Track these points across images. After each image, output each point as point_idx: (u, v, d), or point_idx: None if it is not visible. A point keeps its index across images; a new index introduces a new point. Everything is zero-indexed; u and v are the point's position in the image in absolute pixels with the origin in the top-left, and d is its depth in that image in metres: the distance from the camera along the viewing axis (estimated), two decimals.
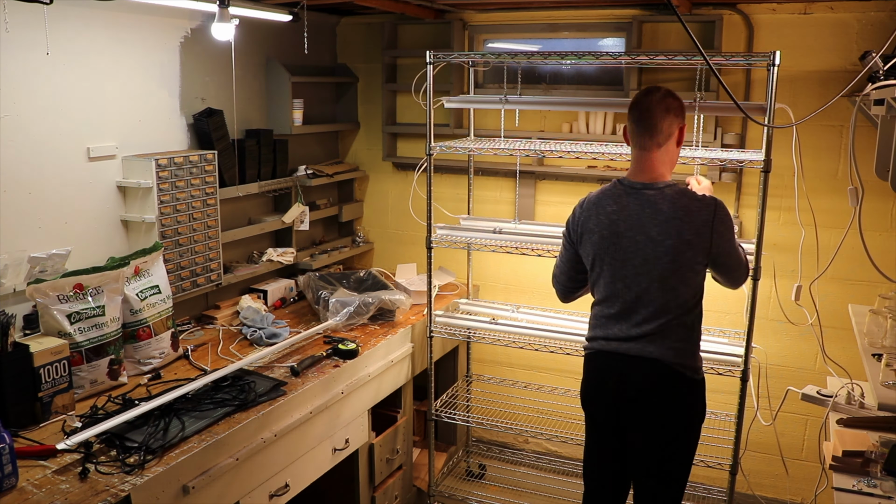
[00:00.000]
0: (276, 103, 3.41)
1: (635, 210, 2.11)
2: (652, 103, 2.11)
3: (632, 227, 2.10)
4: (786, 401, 3.02)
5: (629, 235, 2.11)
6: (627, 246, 2.11)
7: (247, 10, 2.89)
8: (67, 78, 2.47)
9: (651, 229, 2.08)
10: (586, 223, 2.20)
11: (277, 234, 3.48)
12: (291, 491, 2.45)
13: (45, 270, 2.35)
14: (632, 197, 2.12)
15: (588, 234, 2.19)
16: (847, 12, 2.93)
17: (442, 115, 3.66)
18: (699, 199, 2.09)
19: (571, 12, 3.38)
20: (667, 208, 2.07)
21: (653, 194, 2.10)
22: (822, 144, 3.05)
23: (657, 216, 2.08)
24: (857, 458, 2.10)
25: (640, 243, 2.09)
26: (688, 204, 2.07)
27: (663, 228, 2.06)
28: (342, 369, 2.66)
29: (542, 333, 3.07)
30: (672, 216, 2.06)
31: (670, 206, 2.07)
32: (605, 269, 2.17)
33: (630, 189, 2.14)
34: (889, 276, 2.31)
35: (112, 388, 2.40)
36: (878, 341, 2.29)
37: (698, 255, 2.08)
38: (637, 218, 2.10)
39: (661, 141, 2.12)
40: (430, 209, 3.05)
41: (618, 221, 2.13)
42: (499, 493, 3.43)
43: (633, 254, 2.10)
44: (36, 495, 1.79)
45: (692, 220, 2.05)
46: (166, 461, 1.96)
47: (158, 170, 2.66)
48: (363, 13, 3.67)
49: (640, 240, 2.09)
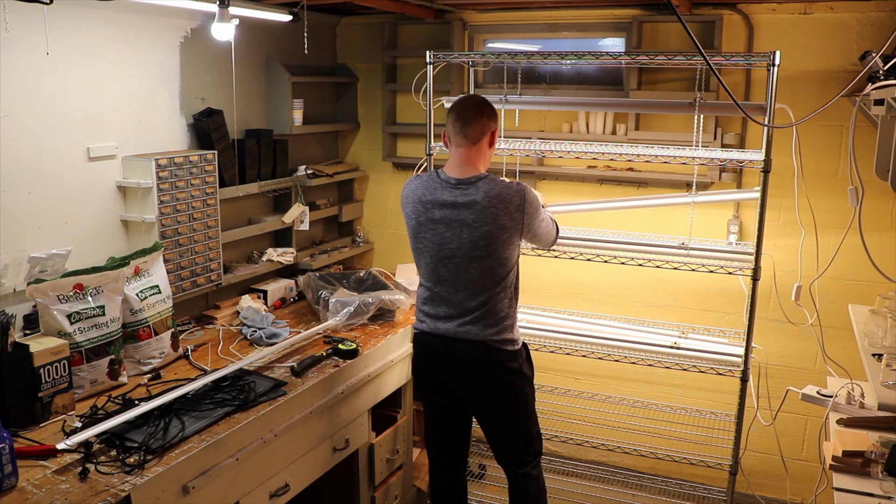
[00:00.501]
0: (276, 103, 3.41)
1: (450, 200, 2.34)
2: (468, 107, 2.40)
3: (447, 216, 2.34)
4: (786, 401, 3.02)
5: (445, 222, 2.34)
6: (444, 231, 2.35)
7: (247, 10, 2.89)
8: (67, 78, 2.47)
9: (466, 217, 2.30)
10: (405, 208, 2.46)
11: (277, 234, 3.48)
12: (291, 491, 2.45)
13: (45, 270, 2.35)
14: (447, 189, 2.36)
15: (407, 218, 2.46)
16: (847, 12, 2.93)
17: (442, 115, 3.64)
18: (509, 186, 2.32)
19: (571, 12, 3.38)
20: (481, 198, 2.30)
21: (467, 187, 2.33)
22: (822, 144, 3.05)
23: (473, 205, 2.30)
24: (857, 458, 2.10)
25: (456, 229, 2.32)
26: (500, 192, 2.30)
27: (479, 216, 2.29)
28: (342, 369, 2.66)
29: (540, 333, 3.07)
30: (487, 205, 2.29)
31: (484, 196, 2.30)
32: (424, 252, 2.41)
33: (446, 183, 2.37)
34: (889, 276, 2.31)
35: (112, 388, 2.40)
36: (878, 341, 2.29)
37: (514, 236, 2.34)
38: (451, 207, 2.33)
39: (476, 139, 2.38)
40: None
41: (432, 209, 2.36)
42: (499, 493, 3.42)
43: (449, 239, 2.34)
44: (36, 495, 1.79)
45: (506, 207, 2.29)
46: (166, 461, 1.96)
47: (158, 170, 2.66)
48: (363, 13, 3.67)
49: (455, 226, 2.33)
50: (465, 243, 2.32)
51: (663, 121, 3.30)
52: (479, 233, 2.30)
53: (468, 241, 2.31)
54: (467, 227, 2.31)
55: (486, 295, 2.36)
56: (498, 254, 2.32)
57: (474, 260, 2.32)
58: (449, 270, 2.37)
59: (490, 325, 2.36)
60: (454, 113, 2.40)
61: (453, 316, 2.39)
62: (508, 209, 2.30)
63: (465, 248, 2.32)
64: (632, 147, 3.02)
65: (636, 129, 3.32)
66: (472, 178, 2.35)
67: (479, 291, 2.36)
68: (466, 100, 2.44)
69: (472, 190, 2.32)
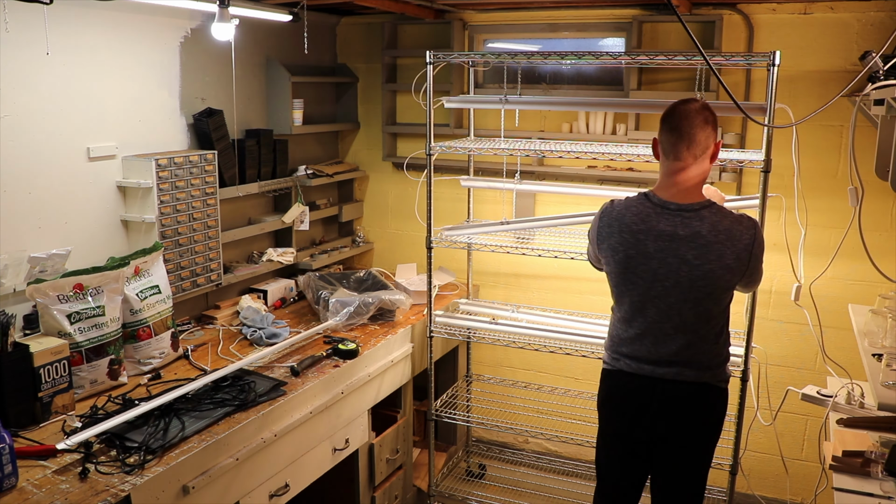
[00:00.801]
0: (276, 103, 3.41)
1: (667, 230, 2.01)
2: (691, 112, 2.00)
3: (662, 249, 2.01)
4: (786, 401, 3.02)
5: (659, 257, 2.02)
6: (657, 268, 2.03)
7: (247, 10, 2.89)
8: (67, 78, 2.47)
9: (687, 252, 1.99)
10: (609, 238, 2.11)
11: (277, 234, 3.48)
12: (291, 491, 2.45)
13: (45, 270, 2.35)
14: (663, 217, 2.03)
15: (613, 251, 2.10)
16: (847, 12, 2.93)
17: (442, 115, 3.66)
18: (739, 221, 2.02)
19: (571, 12, 3.38)
20: (706, 231, 1.99)
21: (689, 216, 2.01)
22: (822, 144, 3.05)
23: (696, 239, 1.99)
24: (857, 458, 2.10)
25: (673, 266, 2.01)
26: (729, 227, 2.00)
27: (701, 252, 1.99)
28: (342, 369, 2.66)
29: (542, 333, 3.07)
30: (713, 240, 1.98)
31: (710, 230, 1.99)
32: (630, 288, 2.09)
33: (662, 209, 2.04)
34: (889, 276, 2.31)
35: (112, 388, 2.40)
36: (878, 341, 2.29)
37: (735, 277, 2.03)
38: (669, 239, 2.01)
39: (698, 153, 2.01)
40: (430, 209, 3.05)
41: (646, 241, 2.03)
42: (499, 493, 3.43)
43: (664, 276, 2.02)
44: (36, 495, 1.79)
45: (734, 245, 1.99)
46: (166, 461, 1.96)
47: (158, 170, 2.66)
48: (363, 13, 3.67)
49: (672, 262, 2.01)
50: (682, 282, 2.01)
51: None
52: (700, 271, 1.99)
53: (686, 279, 2.01)
54: (686, 265, 2.00)
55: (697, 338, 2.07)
56: (717, 294, 2.04)
57: (689, 302, 2.03)
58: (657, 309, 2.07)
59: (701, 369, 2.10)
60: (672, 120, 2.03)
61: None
62: (736, 248, 1.99)
63: (682, 288, 2.02)
64: (632, 147, 3.02)
65: (636, 129, 3.32)
66: (694, 206, 2.02)
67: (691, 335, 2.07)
68: (687, 103, 2.03)
69: (694, 219, 2.01)
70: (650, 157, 2.78)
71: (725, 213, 2.04)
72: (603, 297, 3.49)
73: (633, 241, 2.05)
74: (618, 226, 2.08)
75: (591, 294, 3.52)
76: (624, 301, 2.13)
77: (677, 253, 2.00)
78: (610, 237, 2.10)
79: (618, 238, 2.08)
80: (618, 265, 2.09)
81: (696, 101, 2.04)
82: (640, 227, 2.04)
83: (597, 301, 3.50)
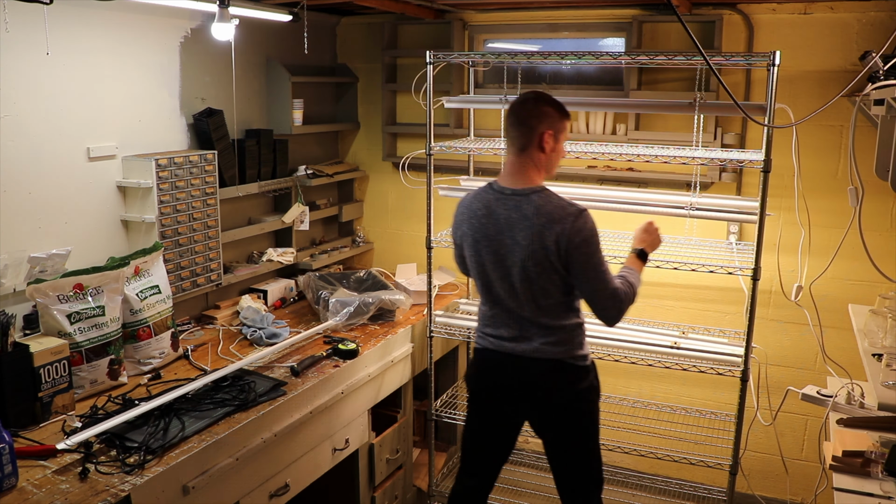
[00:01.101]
0: (276, 103, 3.41)
1: (503, 214, 2.15)
2: (524, 103, 2.16)
3: (501, 231, 2.15)
4: (786, 401, 3.02)
5: (499, 239, 2.15)
6: (498, 249, 2.16)
7: (247, 10, 2.89)
8: (67, 78, 2.47)
9: (517, 233, 2.11)
10: (461, 226, 2.27)
11: (277, 234, 3.48)
12: (291, 491, 2.45)
13: (45, 270, 2.35)
14: (500, 202, 2.16)
15: (464, 236, 2.26)
16: (847, 12, 2.93)
17: (442, 115, 3.66)
18: (563, 206, 2.10)
19: (571, 12, 3.38)
20: (531, 213, 2.10)
21: (520, 199, 2.13)
22: (822, 144, 3.05)
23: (523, 221, 2.11)
24: (857, 458, 2.10)
25: (509, 247, 2.13)
26: (551, 211, 2.09)
27: (528, 233, 2.09)
28: (342, 369, 2.66)
29: None
30: (536, 222, 2.08)
31: (535, 212, 2.09)
32: (482, 270, 2.23)
33: (499, 194, 2.18)
34: (889, 276, 2.31)
35: (112, 388, 2.40)
36: (878, 341, 2.29)
37: (556, 263, 2.09)
38: (505, 222, 2.14)
39: (523, 144, 2.15)
40: (430, 209, 3.05)
41: (487, 225, 2.17)
42: (499, 493, 3.42)
43: (503, 256, 2.15)
44: (36, 495, 1.79)
45: (552, 227, 2.07)
46: (166, 461, 1.96)
47: (158, 170, 2.66)
48: (363, 13, 3.67)
49: (509, 243, 2.13)
50: (516, 263, 2.13)
51: (663, 121, 3.30)
52: (528, 251, 2.09)
53: (519, 259, 2.11)
54: (517, 246, 2.11)
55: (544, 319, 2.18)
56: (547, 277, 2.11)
57: (525, 282, 2.13)
58: (503, 289, 2.19)
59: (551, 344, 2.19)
60: (510, 116, 2.18)
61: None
62: (553, 230, 2.06)
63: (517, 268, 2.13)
64: (632, 147, 3.02)
65: (636, 129, 3.32)
66: (526, 190, 2.13)
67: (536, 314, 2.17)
68: (524, 100, 2.18)
69: (524, 202, 2.12)
70: (650, 157, 2.79)
71: (554, 198, 2.12)
72: None
73: (479, 225, 2.19)
74: (467, 213, 2.24)
75: None
76: (479, 283, 2.28)
77: (511, 235, 2.13)
78: (462, 224, 2.27)
79: (468, 224, 2.23)
80: (469, 249, 2.24)
81: (535, 93, 2.18)
82: (483, 213, 2.19)
83: None
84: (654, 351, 2.90)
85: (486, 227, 2.18)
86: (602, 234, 3.16)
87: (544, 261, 2.09)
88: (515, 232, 2.12)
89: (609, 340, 2.99)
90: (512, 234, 2.13)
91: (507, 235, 2.14)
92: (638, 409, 3.39)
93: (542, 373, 2.21)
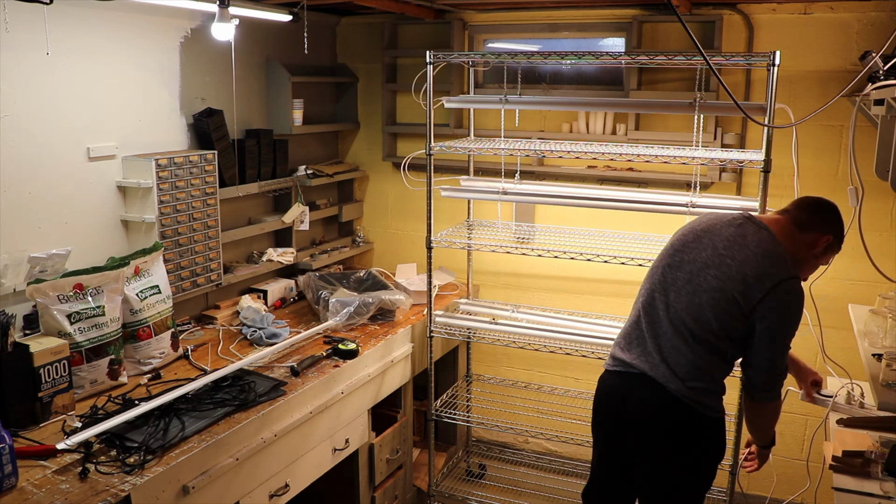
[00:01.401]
0: (276, 103, 3.41)
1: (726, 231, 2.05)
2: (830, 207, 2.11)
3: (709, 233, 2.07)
4: (786, 401, 3.01)
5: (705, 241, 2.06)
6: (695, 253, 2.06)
7: (247, 10, 2.89)
8: (67, 78, 2.47)
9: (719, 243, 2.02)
10: None
11: (277, 234, 3.48)
12: (291, 491, 2.45)
13: (45, 270, 2.35)
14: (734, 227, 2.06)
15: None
16: (847, 12, 2.93)
17: (442, 115, 3.66)
18: (784, 257, 1.99)
19: (571, 12, 3.38)
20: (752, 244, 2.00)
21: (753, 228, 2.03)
22: (822, 144, 3.05)
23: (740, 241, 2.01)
24: (857, 458, 2.10)
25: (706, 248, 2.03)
26: (773, 251, 1.98)
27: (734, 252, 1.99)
28: (342, 369, 2.66)
29: (542, 333, 3.07)
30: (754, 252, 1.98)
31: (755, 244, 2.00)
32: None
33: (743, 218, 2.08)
34: (889, 276, 2.31)
35: (112, 388, 2.40)
36: (878, 341, 2.29)
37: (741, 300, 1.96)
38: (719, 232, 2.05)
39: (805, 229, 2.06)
40: (430, 209, 3.05)
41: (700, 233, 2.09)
42: (499, 493, 3.43)
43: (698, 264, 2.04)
44: (36, 495, 1.79)
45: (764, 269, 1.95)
46: (166, 461, 1.96)
47: (158, 170, 2.66)
48: (363, 13, 3.67)
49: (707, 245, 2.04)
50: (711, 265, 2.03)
51: (663, 121, 3.30)
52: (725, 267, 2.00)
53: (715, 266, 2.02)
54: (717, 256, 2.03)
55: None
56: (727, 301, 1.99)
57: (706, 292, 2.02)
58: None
59: None
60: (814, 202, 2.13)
61: None
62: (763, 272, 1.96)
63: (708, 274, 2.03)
64: (632, 147, 3.02)
65: (636, 129, 3.32)
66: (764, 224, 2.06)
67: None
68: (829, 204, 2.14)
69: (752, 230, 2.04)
70: (650, 157, 2.80)
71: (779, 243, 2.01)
72: (602, 298, 3.51)
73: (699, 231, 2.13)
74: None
75: (591, 294, 3.52)
76: None
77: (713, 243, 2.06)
78: None
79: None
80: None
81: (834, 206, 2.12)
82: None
83: (596, 301, 3.50)
84: None
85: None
86: (602, 233, 3.22)
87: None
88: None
89: (609, 340, 3.00)
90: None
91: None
92: None
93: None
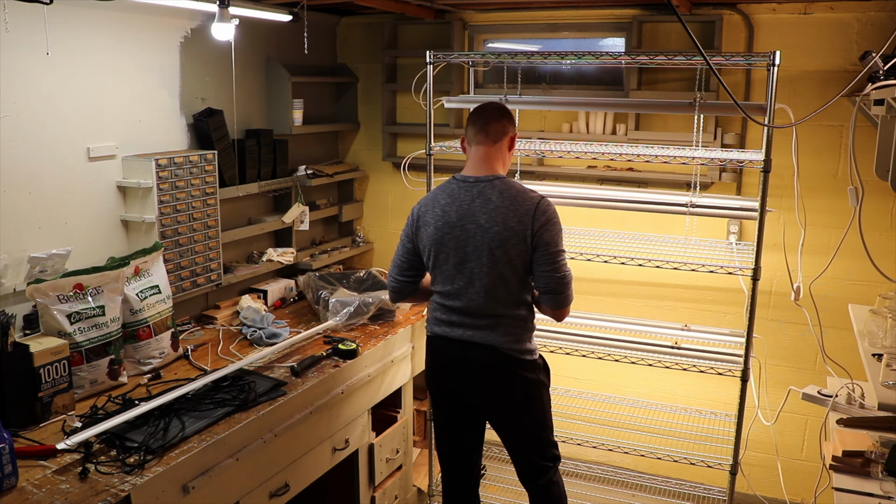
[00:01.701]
0: (276, 103, 3.41)
1: (466, 200, 2.24)
2: (488, 108, 2.35)
3: (463, 217, 2.23)
4: (786, 401, 3.02)
5: (460, 224, 2.23)
6: (459, 234, 2.23)
7: (247, 10, 2.89)
8: (67, 78, 2.47)
9: (480, 217, 2.21)
10: (423, 217, 2.32)
11: (277, 234, 3.48)
12: (291, 491, 2.45)
13: (45, 270, 2.35)
14: (463, 189, 2.26)
15: (424, 226, 2.31)
16: (847, 12, 2.93)
17: (442, 115, 3.66)
18: (526, 192, 2.23)
19: (571, 12, 3.38)
20: (495, 197, 2.20)
21: (483, 185, 2.24)
22: (822, 144, 3.05)
23: (486, 205, 2.21)
24: (857, 458, 2.10)
25: (470, 231, 2.21)
26: (514, 194, 2.21)
27: (491, 216, 2.19)
28: (342, 369, 2.66)
29: (540, 333, 3.07)
30: (500, 205, 2.19)
31: (499, 196, 2.21)
32: (440, 257, 2.28)
33: (462, 182, 2.28)
34: (889, 276, 2.31)
35: (112, 388, 2.40)
36: (878, 341, 2.29)
37: (522, 244, 2.18)
38: (468, 207, 2.23)
39: (496, 139, 2.30)
40: None
41: (449, 212, 2.25)
42: (499, 493, 3.42)
43: (464, 241, 2.22)
44: (36, 495, 1.79)
45: (517, 209, 2.18)
46: (166, 461, 1.96)
47: (158, 170, 2.66)
48: (363, 13, 3.67)
49: (471, 228, 2.21)
50: (479, 246, 2.20)
51: (663, 121, 3.30)
52: (490, 234, 2.18)
53: (481, 242, 2.19)
54: (480, 229, 2.20)
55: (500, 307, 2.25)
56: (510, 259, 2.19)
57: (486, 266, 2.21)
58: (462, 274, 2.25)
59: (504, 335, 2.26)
60: (475, 114, 2.35)
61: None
62: (518, 211, 2.18)
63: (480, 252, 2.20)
64: (632, 147, 3.02)
65: (636, 129, 3.32)
66: (489, 177, 2.26)
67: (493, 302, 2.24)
68: (487, 104, 2.40)
69: (487, 188, 2.23)
70: (650, 157, 2.80)
71: (517, 184, 2.26)
72: (602, 298, 3.51)
73: (441, 213, 2.27)
74: (431, 204, 2.32)
75: (591, 294, 3.52)
76: (436, 271, 2.31)
77: (473, 218, 2.22)
78: (424, 215, 2.32)
79: (430, 214, 2.30)
80: (429, 238, 2.29)
81: (495, 102, 2.41)
82: (446, 201, 2.28)
83: (596, 301, 3.50)
84: (655, 351, 2.91)
85: (448, 215, 2.25)
86: (602, 234, 3.22)
87: (506, 243, 2.18)
88: (479, 216, 2.21)
89: (609, 341, 3.00)
90: (475, 218, 2.21)
91: (471, 220, 2.22)
92: (638, 408, 3.39)
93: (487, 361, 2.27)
